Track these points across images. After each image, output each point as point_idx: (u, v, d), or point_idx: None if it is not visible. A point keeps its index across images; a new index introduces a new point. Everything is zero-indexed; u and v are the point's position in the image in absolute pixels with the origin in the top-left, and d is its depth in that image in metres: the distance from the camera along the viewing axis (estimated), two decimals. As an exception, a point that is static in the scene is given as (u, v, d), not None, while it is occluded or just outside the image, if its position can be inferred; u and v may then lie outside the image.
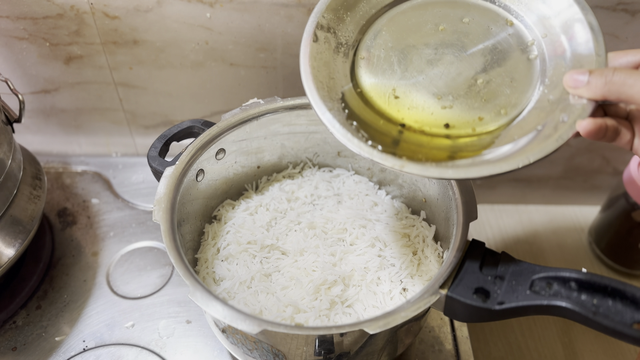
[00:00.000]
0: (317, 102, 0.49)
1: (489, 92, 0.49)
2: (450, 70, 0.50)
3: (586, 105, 0.44)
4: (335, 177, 0.71)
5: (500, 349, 0.76)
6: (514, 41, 0.50)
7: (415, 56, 0.51)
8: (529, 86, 0.48)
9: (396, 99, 0.50)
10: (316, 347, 0.49)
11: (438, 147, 0.48)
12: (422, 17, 0.53)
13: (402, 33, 0.53)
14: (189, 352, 0.65)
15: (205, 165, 0.63)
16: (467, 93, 0.49)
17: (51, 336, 0.67)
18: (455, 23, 0.52)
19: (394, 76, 0.51)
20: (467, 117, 0.48)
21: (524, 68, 0.49)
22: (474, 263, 0.49)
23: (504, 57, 0.50)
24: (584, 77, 0.44)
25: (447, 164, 0.45)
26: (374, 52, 0.53)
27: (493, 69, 0.49)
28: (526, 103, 0.48)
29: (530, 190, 0.92)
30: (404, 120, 0.49)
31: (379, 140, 0.47)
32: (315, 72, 0.50)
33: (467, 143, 0.48)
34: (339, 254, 0.60)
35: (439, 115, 0.49)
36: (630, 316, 0.42)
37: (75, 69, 0.78)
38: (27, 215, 0.66)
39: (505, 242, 0.89)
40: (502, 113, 0.48)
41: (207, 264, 0.62)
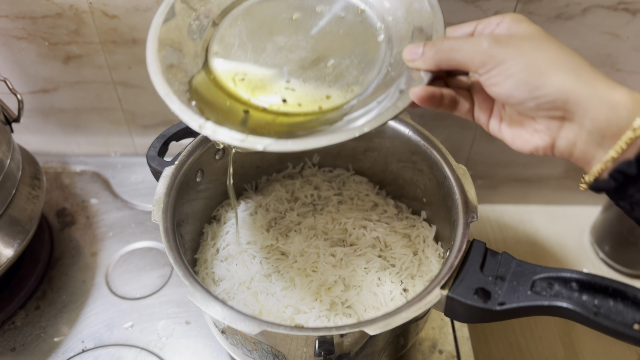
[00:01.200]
0: (160, 83, 0.50)
1: (338, 73, 0.51)
2: (302, 55, 0.52)
3: (423, 77, 0.45)
4: (336, 177, 0.71)
5: (500, 350, 0.76)
6: (363, 27, 0.52)
7: (269, 44, 0.53)
8: (375, 66, 0.50)
9: (243, 81, 0.52)
10: (316, 348, 0.49)
11: (281, 124, 0.50)
12: (278, 7, 0.55)
13: (257, 22, 0.55)
14: (188, 353, 0.65)
15: (205, 165, 0.62)
16: (318, 75, 0.51)
17: (50, 337, 0.66)
18: (308, 12, 0.54)
19: (247, 63, 0.53)
20: (314, 96, 0.50)
21: (371, 50, 0.51)
22: (475, 263, 0.49)
23: (354, 41, 0.52)
24: (419, 49, 0.45)
25: (287, 137, 0.47)
26: (228, 40, 0.54)
27: (343, 53, 0.51)
28: (372, 81, 0.50)
29: (531, 190, 0.92)
30: (250, 102, 0.51)
31: (224, 120, 0.48)
32: (163, 54, 0.52)
33: (312, 119, 0.49)
34: (339, 255, 0.60)
35: (289, 96, 0.51)
36: (631, 317, 0.42)
37: (74, 69, 0.78)
38: (25, 215, 0.66)
39: (506, 242, 0.88)
40: (349, 91, 0.50)
41: (207, 264, 0.61)
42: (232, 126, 0.47)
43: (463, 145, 0.85)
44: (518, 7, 0.67)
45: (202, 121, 0.46)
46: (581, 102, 0.38)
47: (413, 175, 0.65)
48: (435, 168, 0.60)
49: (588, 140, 0.39)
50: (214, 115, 0.48)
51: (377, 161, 0.69)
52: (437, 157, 0.59)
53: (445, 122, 0.82)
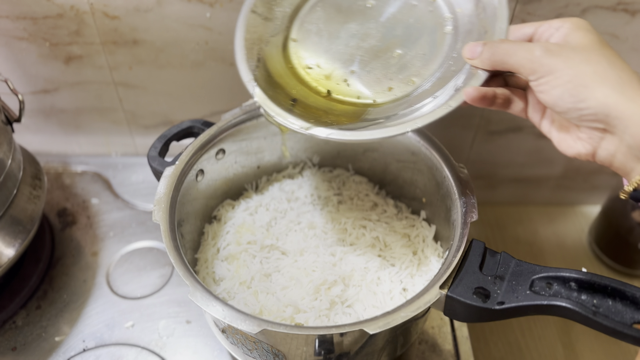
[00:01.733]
0: (244, 70, 0.54)
1: (402, 64, 0.52)
2: (372, 43, 0.53)
3: (479, 75, 0.46)
4: (335, 177, 0.71)
5: (500, 349, 0.76)
6: (433, 16, 0.53)
7: (343, 31, 0.55)
8: (438, 58, 0.51)
9: (316, 69, 0.55)
10: (316, 347, 0.49)
11: (345, 113, 0.52)
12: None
13: (334, 9, 0.56)
14: (188, 352, 0.65)
15: (205, 165, 0.63)
16: (383, 65, 0.52)
17: (51, 336, 0.67)
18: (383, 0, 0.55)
19: (321, 48, 0.55)
20: (377, 87, 0.52)
21: (437, 41, 0.52)
22: (474, 263, 0.49)
23: (421, 31, 0.52)
24: (478, 48, 0.46)
25: (349, 128, 0.49)
26: (307, 27, 0.56)
27: (410, 42, 0.52)
28: (433, 73, 0.50)
29: (530, 190, 0.92)
30: (318, 89, 0.54)
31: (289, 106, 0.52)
32: (249, 45, 0.55)
33: (373, 110, 0.51)
34: (339, 254, 0.60)
35: (353, 85, 0.53)
36: (630, 316, 0.42)
37: (75, 69, 0.78)
38: (26, 215, 0.66)
39: (505, 242, 0.89)
40: (410, 83, 0.51)
41: (207, 264, 0.62)
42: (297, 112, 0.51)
43: (463, 145, 0.86)
44: (517, 7, 0.67)
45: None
46: (622, 117, 0.39)
47: (413, 175, 0.66)
48: (435, 168, 0.60)
49: (628, 153, 0.41)
50: (284, 100, 0.52)
51: (377, 161, 0.69)
52: (436, 157, 0.60)
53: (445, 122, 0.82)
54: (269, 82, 0.54)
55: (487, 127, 0.83)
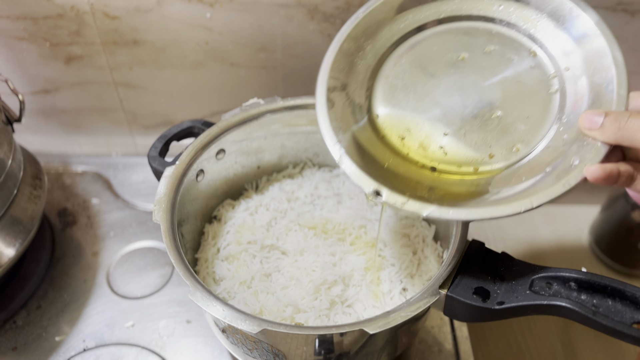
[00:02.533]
0: (331, 142, 0.48)
1: (503, 128, 0.46)
2: (467, 102, 0.48)
3: (599, 149, 0.41)
4: (335, 177, 0.71)
5: (500, 349, 0.76)
6: (535, 73, 0.47)
7: (433, 87, 0.49)
8: (545, 122, 0.46)
9: (408, 132, 0.49)
10: (316, 347, 0.49)
11: (450, 186, 0.46)
12: (444, 45, 0.51)
13: (422, 62, 0.51)
14: (189, 352, 0.65)
15: (206, 165, 0.63)
16: (481, 127, 0.47)
17: (51, 336, 0.67)
18: (477, 52, 0.49)
19: (408, 107, 0.49)
20: (477, 154, 0.46)
21: (542, 103, 0.46)
22: (474, 263, 0.49)
23: (523, 90, 0.47)
24: (599, 119, 0.41)
25: (451, 204, 0.44)
26: (391, 82, 0.51)
27: (511, 103, 0.47)
28: (540, 141, 0.45)
29: (530, 190, 0.92)
30: (410, 156, 0.48)
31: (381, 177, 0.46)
32: (332, 114, 0.49)
33: (474, 180, 0.46)
34: (339, 254, 0.60)
35: (450, 152, 0.47)
36: (630, 316, 0.42)
37: (75, 69, 0.78)
38: (27, 215, 0.66)
39: (505, 242, 0.89)
40: (514, 150, 0.46)
41: (207, 263, 0.62)
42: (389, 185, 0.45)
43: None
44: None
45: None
46: None
47: (413, 175, 0.65)
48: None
49: None
50: (374, 171, 0.46)
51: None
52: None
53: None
54: (356, 150, 0.48)
55: (487, 127, 0.83)
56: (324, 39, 0.73)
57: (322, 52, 0.75)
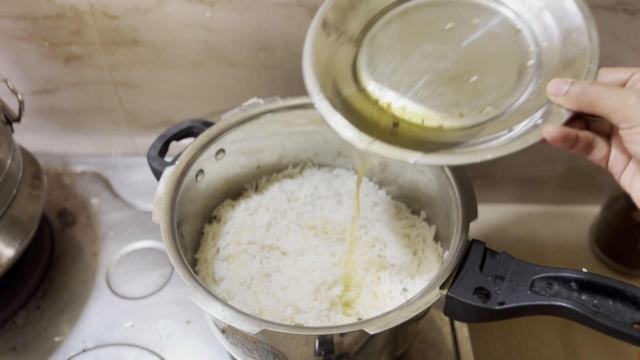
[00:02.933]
0: (316, 94, 0.51)
1: (476, 92, 0.49)
2: (446, 66, 0.51)
3: (563, 114, 0.44)
4: (335, 177, 0.71)
5: (500, 349, 0.76)
6: (515, 47, 0.50)
7: (417, 50, 0.52)
8: (518, 90, 0.49)
9: (385, 87, 0.52)
10: (316, 348, 0.49)
11: (410, 134, 0.49)
12: (434, 14, 0.54)
13: (410, 27, 0.54)
14: (188, 353, 0.65)
15: (205, 165, 0.63)
16: (455, 90, 0.50)
17: (51, 336, 0.67)
18: (464, 24, 0.53)
19: (391, 66, 0.53)
20: (447, 112, 0.49)
21: (517, 73, 0.49)
22: (474, 263, 0.49)
23: (501, 60, 0.50)
24: (565, 87, 0.44)
25: (419, 152, 0.46)
26: (379, 41, 0.54)
27: (487, 70, 0.50)
28: (510, 106, 0.48)
29: (530, 190, 0.92)
30: (389, 111, 0.51)
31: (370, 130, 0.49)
32: (317, 62, 0.52)
33: (439, 135, 0.49)
34: (339, 254, 0.60)
35: (420, 107, 0.50)
36: (630, 316, 0.42)
37: (75, 69, 0.78)
38: (26, 215, 0.66)
39: (505, 242, 0.89)
40: (484, 113, 0.48)
41: (207, 264, 0.62)
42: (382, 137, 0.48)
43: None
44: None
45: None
46: None
47: (413, 175, 0.66)
48: (435, 168, 0.60)
49: None
50: (360, 124, 0.49)
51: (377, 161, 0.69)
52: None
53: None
54: (334, 92, 0.51)
55: (487, 127, 0.82)
56: (324, 38, 0.73)
57: (322, 51, 0.75)
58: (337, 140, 0.69)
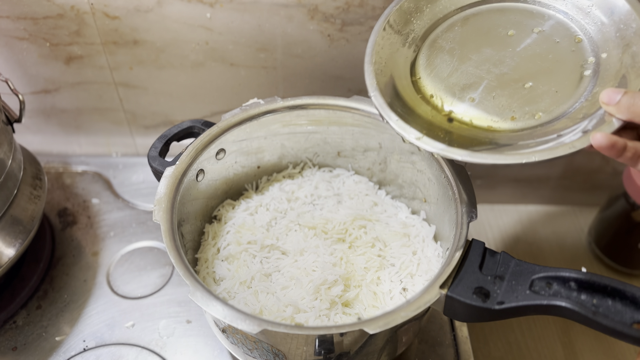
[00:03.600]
0: (373, 90, 0.53)
1: (531, 97, 0.50)
2: (503, 71, 0.52)
3: (613, 123, 0.44)
4: (335, 177, 0.71)
5: (500, 349, 0.76)
6: (575, 57, 0.51)
7: (476, 54, 0.54)
8: (571, 98, 0.49)
9: (442, 87, 0.54)
10: (316, 347, 0.49)
11: (460, 133, 0.51)
12: (496, 21, 0.56)
13: (472, 32, 0.56)
14: (189, 352, 0.65)
15: (206, 165, 0.63)
16: (511, 94, 0.51)
17: (51, 336, 0.67)
18: (525, 31, 0.54)
19: (449, 68, 0.55)
20: (499, 115, 0.51)
21: (573, 83, 0.50)
22: (474, 263, 0.49)
23: (559, 70, 0.51)
24: (617, 96, 0.44)
25: (465, 150, 0.48)
26: (440, 43, 0.56)
27: (544, 77, 0.51)
28: (562, 113, 0.49)
29: (530, 190, 0.92)
30: (442, 109, 0.53)
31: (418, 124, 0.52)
32: (377, 60, 0.55)
33: (490, 135, 0.51)
34: (339, 254, 0.60)
35: (473, 108, 0.52)
36: (630, 316, 0.42)
37: (75, 69, 0.78)
38: (27, 215, 0.66)
39: (505, 242, 0.89)
40: (535, 117, 0.50)
41: (207, 263, 0.62)
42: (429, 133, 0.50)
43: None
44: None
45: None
46: None
47: (412, 175, 0.66)
48: (435, 168, 0.60)
49: None
50: (412, 119, 0.52)
51: (377, 161, 0.69)
52: (436, 157, 0.60)
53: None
54: (391, 90, 0.54)
55: (487, 127, 0.83)
56: (324, 39, 0.73)
57: (322, 52, 0.75)
58: (337, 140, 0.69)
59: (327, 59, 0.75)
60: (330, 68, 0.76)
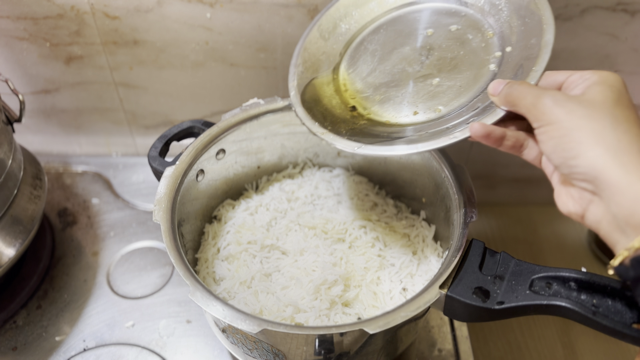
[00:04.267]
0: (292, 89, 0.57)
1: (435, 93, 0.52)
2: (416, 69, 0.54)
3: (496, 112, 0.45)
4: (335, 177, 0.71)
5: (499, 349, 0.76)
6: (484, 52, 0.52)
7: (395, 53, 0.56)
8: (472, 92, 0.51)
9: (356, 85, 0.57)
10: (316, 347, 0.49)
11: (361, 126, 0.54)
12: (417, 22, 0.57)
13: (395, 33, 0.58)
14: (189, 352, 0.65)
15: (206, 165, 0.63)
16: (417, 90, 0.53)
17: (51, 336, 0.67)
18: (442, 30, 0.55)
19: (369, 68, 0.57)
20: (403, 111, 0.53)
21: (479, 77, 0.51)
22: (474, 263, 0.49)
23: (468, 65, 0.52)
24: (500, 86, 0.45)
25: (358, 143, 0.51)
26: (365, 45, 0.58)
27: (452, 74, 0.52)
28: (461, 106, 0.50)
29: (530, 190, 0.92)
30: (347, 100, 0.56)
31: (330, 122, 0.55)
32: (304, 61, 0.59)
33: (388, 130, 0.53)
34: (339, 254, 0.60)
35: (380, 105, 0.54)
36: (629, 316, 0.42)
37: (75, 69, 0.78)
38: (27, 215, 0.66)
39: (504, 242, 0.89)
40: (434, 111, 0.51)
41: (207, 263, 0.62)
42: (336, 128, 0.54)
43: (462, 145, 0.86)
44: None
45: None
46: (609, 182, 0.37)
47: (412, 175, 0.66)
48: (435, 168, 0.60)
49: (612, 222, 0.38)
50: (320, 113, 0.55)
51: (377, 161, 0.69)
52: (436, 157, 0.60)
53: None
54: (311, 90, 0.57)
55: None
56: (324, 39, 0.73)
57: (322, 52, 0.75)
58: None
59: (327, 59, 0.75)
60: (330, 68, 0.76)
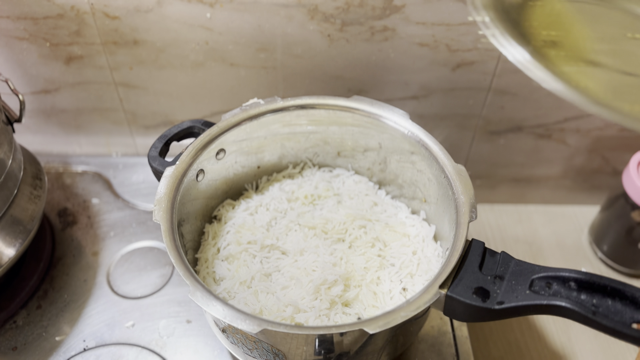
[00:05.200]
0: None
1: None
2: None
3: None
4: (335, 177, 0.71)
5: (499, 349, 0.76)
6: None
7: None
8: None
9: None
10: (316, 347, 0.49)
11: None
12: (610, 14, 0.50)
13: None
14: (189, 352, 0.65)
15: (206, 165, 0.63)
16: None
17: (51, 336, 0.67)
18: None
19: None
20: None
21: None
22: (474, 263, 0.49)
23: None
24: None
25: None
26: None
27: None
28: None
29: (530, 190, 0.92)
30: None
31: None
32: None
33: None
34: (339, 254, 0.61)
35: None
36: (629, 316, 0.42)
37: (75, 69, 0.78)
38: (27, 215, 0.66)
39: (504, 242, 0.89)
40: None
41: (207, 263, 0.62)
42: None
43: (462, 145, 0.86)
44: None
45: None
46: None
47: (412, 175, 0.66)
48: (435, 168, 0.60)
49: None
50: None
51: (377, 161, 0.69)
52: (436, 157, 0.60)
53: (445, 122, 0.82)
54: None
55: (487, 127, 0.83)
56: (324, 39, 0.73)
57: (322, 52, 0.75)
58: (337, 140, 0.69)
59: (327, 59, 0.75)
60: (330, 68, 0.76)
